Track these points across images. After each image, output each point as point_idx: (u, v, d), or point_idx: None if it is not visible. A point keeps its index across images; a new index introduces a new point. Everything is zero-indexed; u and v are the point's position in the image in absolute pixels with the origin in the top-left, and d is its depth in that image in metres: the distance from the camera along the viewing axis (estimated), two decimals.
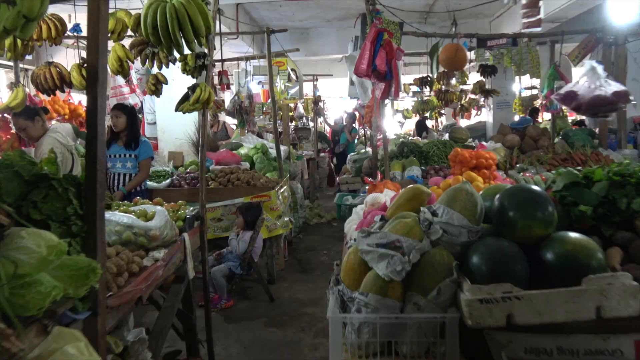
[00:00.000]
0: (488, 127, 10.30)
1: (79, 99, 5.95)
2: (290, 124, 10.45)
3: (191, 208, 2.94)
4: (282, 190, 4.78)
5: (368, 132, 11.55)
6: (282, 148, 5.80)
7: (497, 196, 1.66)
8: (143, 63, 2.80)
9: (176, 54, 2.67)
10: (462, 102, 6.68)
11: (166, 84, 3.04)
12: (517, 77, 9.58)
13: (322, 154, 10.56)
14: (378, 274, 1.50)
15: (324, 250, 5.66)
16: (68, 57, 5.22)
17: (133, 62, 2.84)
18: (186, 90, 2.91)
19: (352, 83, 5.37)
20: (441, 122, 13.74)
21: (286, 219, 4.63)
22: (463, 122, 11.03)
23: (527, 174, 2.75)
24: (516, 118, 9.32)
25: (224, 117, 9.75)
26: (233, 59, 6.79)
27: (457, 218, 1.57)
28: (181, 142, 5.81)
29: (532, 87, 10.60)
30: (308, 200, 7.70)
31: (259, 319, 3.76)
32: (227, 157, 4.88)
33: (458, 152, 2.67)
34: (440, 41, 2.29)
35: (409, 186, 1.86)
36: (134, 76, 6.09)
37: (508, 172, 4.38)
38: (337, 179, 7.91)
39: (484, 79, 6.25)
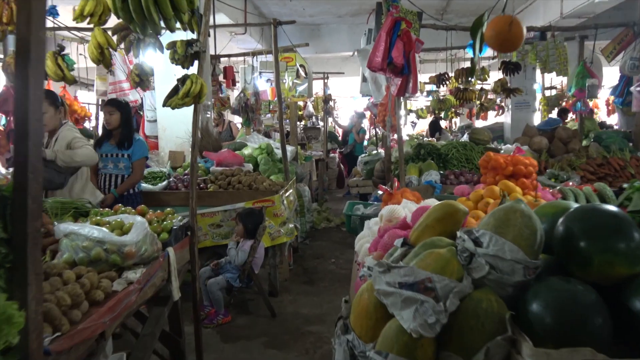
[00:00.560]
0: (506, 128, 9.76)
1: (74, 93, 5.60)
2: (299, 123, 10.07)
3: (179, 217, 2.55)
4: (287, 194, 4.38)
5: (379, 133, 11.12)
6: (289, 148, 5.40)
7: (561, 220, 1.24)
8: (127, 50, 2.43)
9: (162, 40, 2.28)
10: (482, 101, 6.21)
11: (151, 75, 2.65)
12: (537, 76, 9.09)
13: (331, 155, 10.15)
14: (402, 326, 1.09)
15: (332, 258, 5.25)
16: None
17: (115, 50, 2.46)
18: (176, 82, 2.53)
19: (364, 79, 4.95)
20: (455, 123, 13.22)
21: (291, 225, 4.23)
22: (479, 123, 10.52)
23: (571, 183, 2.31)
24: (536, 119, 8.81)
25: (230, 117, 9.41)
26: (239, 54, 6.43)
27: (509, 249, 1.15)
28: (182, 140, 5.44)
29: (552, 87, 10.05)
30: (316, 203, 7.30)
31: (259, 338, 3.36)
32: (228, 157, 4.50)
33: (491, 157, 2.24)
34: (486, 13, 1.85)
35: (439, 202, 1.44)
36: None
37: (537, 179, 3.92)
38: (346, 181, 7.47)
39: (506, 77, 5.77)
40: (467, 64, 5.84)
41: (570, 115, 10.49)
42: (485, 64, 6.44)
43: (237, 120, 8.24)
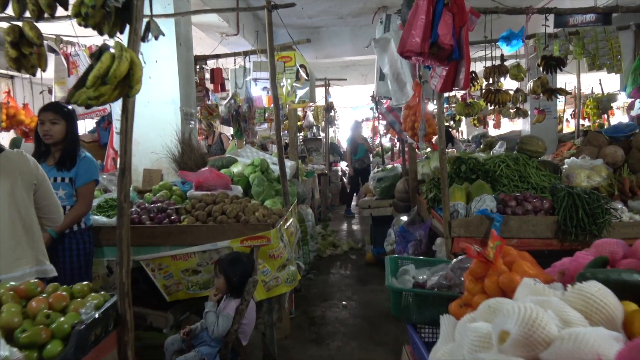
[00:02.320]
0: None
1: (23, 100, 4.40)
2: (298, 134, 8.94)
3: (101, 294, 1.39)
4: (287, 224, 3.23)
5: (387, 144, 9.98)
6: (288, 163, 4.26)
7: None
8: (2, 6, 1.28)
9: None
10: (518, 104, 5.10)
11: (39, 44, 1.50)
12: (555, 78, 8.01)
13: (334, 168, 9.02)
14: None
15: (343, 300, 4.07)
16: None
17: None
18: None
19: (381, 78, 3.83)
20: (462, 132, 12.12)
21: (292, 268, 3.06)
22: (491, 132, 9.41)
23: None
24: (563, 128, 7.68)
25: (226, 130, 8.25)
26: (229, 55, 5.32)
27: None
28: (159, 156, 4.30)
29: (565, 92, 8.94)
30: (319, 226, 6.13)
31: None
32: (210, 178, 3.34)
33: None
34: None
35: None
36: None
37: (628, 204, 2.79)
38: (355, 199, 6.26)
39: (546, 75, 4.67)
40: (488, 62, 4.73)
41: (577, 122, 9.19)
42: (510, 61, 5.33)
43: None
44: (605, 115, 7.86)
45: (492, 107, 4.78)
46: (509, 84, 6.27)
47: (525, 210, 2.64)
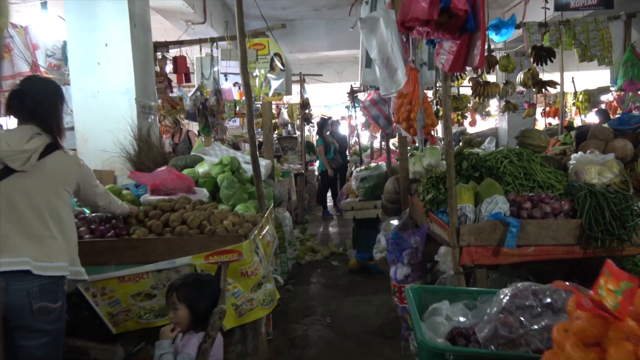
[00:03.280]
0: (501, 134, 8.46)
1: None
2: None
3: None
4: (262, 233, 2.67)
5: (364, 141, 9.56)
6: (263, 163, 3.71)
7: None
8: None
9: None
10: (508, 97, 4.72)
11: None
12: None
13: (310, 167, 8.50)
14: None
15: (327, 316, 3.55)
16: None
17: None
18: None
19: (368, 65, 3.33)
20: (436, 130, 11.88)
21: (270, 285, 2.52)
22: (468, 129, 9.15)
23: None
24: (538, 123, 7.45)
25: (194, 127, 7.56)
26: (194, 41, 4.70)
27: None
28: (111, 155, 3.66)
29: (555, 84, 8.75)
30: (297, 229, 5.59)
31: None
32: (169, 180, 2.74)
33: None
34: None
35: None
36: (41, 59, 3.91)
37: None
38: (339, 201, 5.72)
39: (536, 66, 4.32)
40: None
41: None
42: (497, 52, 4.98)
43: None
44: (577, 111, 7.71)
45: (480, 100, 4.39)
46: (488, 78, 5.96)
47: (544, 212, 2.21)
